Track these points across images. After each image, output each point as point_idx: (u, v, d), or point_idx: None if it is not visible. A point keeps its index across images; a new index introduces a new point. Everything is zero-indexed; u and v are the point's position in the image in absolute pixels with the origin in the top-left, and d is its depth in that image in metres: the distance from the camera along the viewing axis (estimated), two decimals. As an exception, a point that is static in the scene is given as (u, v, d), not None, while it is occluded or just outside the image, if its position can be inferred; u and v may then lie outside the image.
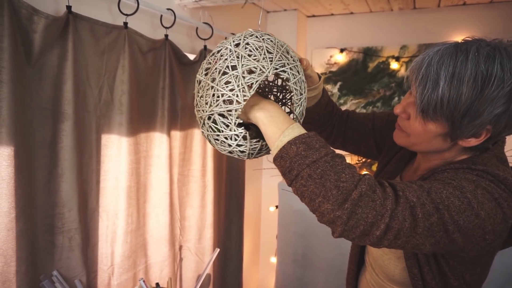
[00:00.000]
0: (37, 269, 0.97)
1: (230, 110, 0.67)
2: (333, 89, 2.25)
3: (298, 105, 0.75)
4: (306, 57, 2.35)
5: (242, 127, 0.70)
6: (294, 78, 0.72)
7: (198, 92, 0.73)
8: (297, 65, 0.74)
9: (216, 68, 0.69)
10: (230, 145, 0.71)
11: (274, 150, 0.65)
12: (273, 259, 2.16)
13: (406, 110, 0.70)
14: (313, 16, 2.27)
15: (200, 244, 1.54)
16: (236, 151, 0.72)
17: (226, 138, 0.71)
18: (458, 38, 1.95)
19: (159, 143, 1.30)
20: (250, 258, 2.27)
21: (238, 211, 1.81)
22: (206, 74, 0.72)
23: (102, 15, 1.10)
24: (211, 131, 0.72)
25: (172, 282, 1.23)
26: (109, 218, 1.15)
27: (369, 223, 0.58)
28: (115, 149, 1.13)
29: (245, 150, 0.72)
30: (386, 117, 0.92)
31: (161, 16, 1.28)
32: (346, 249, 1.83)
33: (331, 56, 2.23)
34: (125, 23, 1.10)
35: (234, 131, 0.69)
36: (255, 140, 0.71)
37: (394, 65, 2.07)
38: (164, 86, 1.28)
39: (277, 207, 2.04)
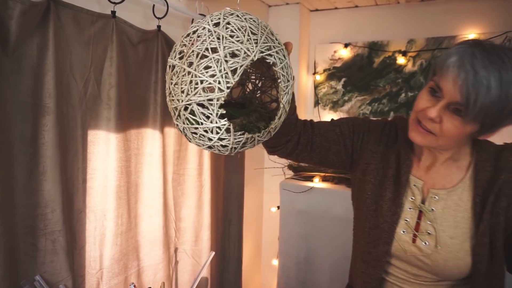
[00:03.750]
0: (18, 274, 0.91)
1: (211, 99, 0.58)
2: (337, 86, 2.17)
3: (286, 93, 0.66)
4: (309, 53, 2.28)
5: (225, 118, 0.60)
6: (281, 63, 0.64)
7: (172, 79, 0.64)
8: (282, 49, 0.66)
9: (193, 51, 0.60)
10: (210, 139, 0.62)
11: None
12: (275, 262, 2.09)
13: (440, 114, 0.71)
14: (317, 10, 2.19)
15: (196, 246, 1.47)
16: (217, 145, 0.63)
17: (206, 131, 0.61)
18: (468, 31, 1.85)
19: (151, 140, 1.23)
20: (251, 260, 2.20)
21: (238, 212, 1.74)
22: (180, 58, 0.63)
23: (90, 3, 1.04)
24: (187, 124, 0.62)
25: (166, 287, 1.16)
26: (97, 219, 1.09)
27: None
28: (103, 146, 1.07)
29: (227, 144, 0.63)
30: (351, 121, 0.92)
31: (154, 6, 1.21)
32: (350, 252, 1.75)
33: (335, 52, 2.15)
34: (113, 12, 1.04)
35: (216, 123, 0.60)
36: (239, 133, 0.63)
37: (401, 60, 1.98)
38: (156, 80, 1.22)
39: (278, 207, 1.96)
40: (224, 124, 0.60)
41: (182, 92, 0.60)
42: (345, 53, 2.12)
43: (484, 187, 0.77)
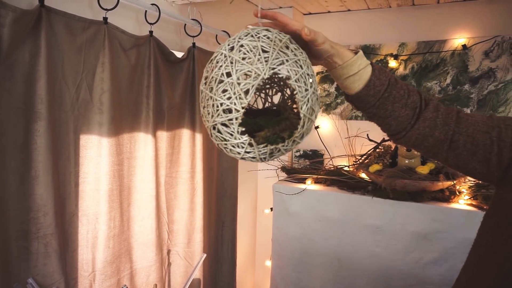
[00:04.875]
0: (10, 277, 0.93)
1: (231, 119, 0.65)
2: (330, 88, 2.19)
3: (304, 102, 0.69)
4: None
5: (246, 134, 0.66)
6: (296, 75, 0.67)
7: (202, 102, 0.71)
8: (299, 59, 0.68)
9: (212, 77, 0.66)
10: (239, 153, 0.69)
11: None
12: (268, 263, 2.11)
13: None
14: (310, 13, 2.22)
15: (189, 248, 1.49)
16: (246, 157, 0.70)
17: (233, 146, 0.68)
18: (458, 35, 1.88)
19: (143, 144, 1.25)
20: (245, 261, 2.22)
21: (231, 214, 1.76)
22: (205, 84, 0.69)
23: (82, 10, 1.05)
24: (219, 141, 0.69)
25: (157, 279, 1.18)
26: (89, 222, 1.10)
27: None
28: (95, 150, 1.08)
29: (255, 156, 0.69)
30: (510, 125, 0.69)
31: (146, 12, 1.23)
32: (343, 254, 1.78)
33: (328, 55, 2.17)
34: (105, 18, 1.06)
35: (239, 139, 0.66)
36: (262, 146, 0.68)
37: (392, 63, 2.01)
38: (148, 85, 1.23)
39: (272, 209, 1.98)
40: (246, 140, 0.66)
41: (209, 114, 0.67)
42: (338, 56, 2.14)
43: None
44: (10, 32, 0.82)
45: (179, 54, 1.38)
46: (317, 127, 2.20)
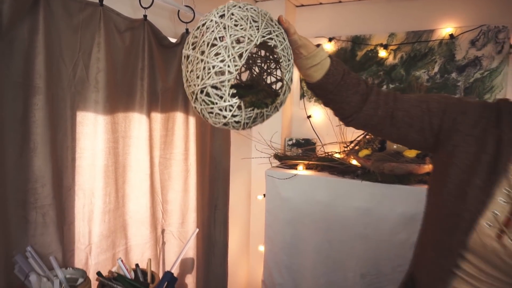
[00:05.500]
0: (10, 245, 0.97)
1: (223, 81, 0.68)
2: (322, 78, 2.24)
3: (287, 71, 0.76)
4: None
5: (236, 97, 0.70)
6: (281, 45, 0.73)
7: (187, 68, 0.74)
8: (282, 32, 0.75)
9: (203, 41, 0.70)
10: (225, 117, 0.72)
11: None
12: (262, 248, 2.16)
13: None
14: (302, 5, 2.27)
15: (183, 228, 1.54)
16: (231, 122, 0.73)
17: (220, 109, 0.71)
18: (445, 25, 1.94)
19: (138, 124, 1.30)
20: (240, 247, 2.27)
21: (224, 198, 1.81)
22: (193, 49, 0.72)
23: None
24: (204, 105, 0.72)
25: (151, 263, 1.23)
26: (85, 196, 1.15)
27: None
28: (91, 127, 1.13)
29: (240, 120, 0.73)
30: (443, 99, 0.84)
31: (140, -4, 1.28)
32: (333, 236, 1.83)
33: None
34: (101, 0, 1.10)
35: (229, 101, 0.70)
36: (249, 109, 0.72)
37: (382, 53, 2.06)
38: (143, 67, 1.28)
39: (265, 195, 2.03)
40: (236, 102, 0.70)
41: (198, 77, 0.70)
42: (330, 47, 2.20)
43: None
44: (10, 8, 0.87)
45: (172, 40, 1.43)
46: (309, 116, 2.25)
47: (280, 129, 2.20)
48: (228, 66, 0.67)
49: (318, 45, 0.83)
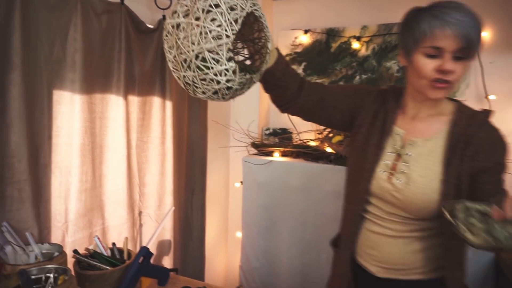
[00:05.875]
0: (-15, 219, 0.99)
1: (220, 45, 0.71)
2: (298, 69, 2.31)
3: (269, 41, 0.82)
4: (272, 39, 2.40)
5: (232, 60, 0.73)
6: (263, 16, 0.80)
7: (178, 35, 0.75)
8: (260, 7, 0.81)
9: (197, 8, 0.73)
10: (218, 82, 0.75)
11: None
12: (239, 234, 2.21)
13: (453, 65, 0.85)
14: (279, -2, 2.33)
15: (160, 210, 1.57)
16: (222, 88, 0.76)
17: (215, 74, 0.74)
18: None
19: (115, 106, 1.32)
20: (218, 234, 2.31)
21: (201, 183, 1.85)
22: (184, 16, 0.75)
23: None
24: (198, 71, 0.74)
25: (128, 244, 1.25)
26: (62, 174, 1.17)
27: None
28: (68, 106, 1.15)
29: (232, 86, 0.76)
30: (353, 86, 1.12)
31: (117, -19, 1.30)
32: (307, 219, 1.89)
33: (296, 38, 2.29)
34: (77, -18, 1.13)
35: (225, 65, 0.73)
36: (242, 73, 0.76)
37: (355, 44, 2.14)
38: (120, 50, 1.31)
39: (242, 183, 2.08)
40: (232, 66, 0.73)
41: (193, 43, 0.72)
42: (305, 39, 2.27)
43: (457, 139, 0.91)
44: (-14, -16, 0.89)
45: (149, 26, 1.46)
46: (286, 106, 2.31)
47: (257, 118, 2.25)
48: (226, 30, 0.71)
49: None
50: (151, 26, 1.48)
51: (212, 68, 0.73)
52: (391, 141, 0.98)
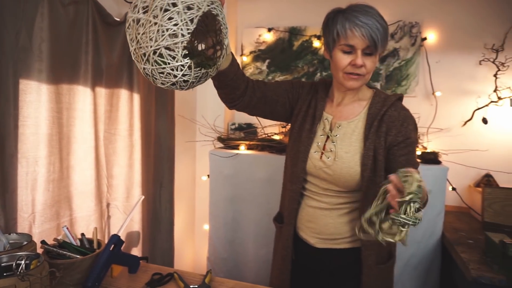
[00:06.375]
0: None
1: (176, 43, 0.76)
2: (262, 66, 2.39)
3: (226, 37, 0.87)
4: (236, 36, 2.48)
5: (187, 58, 0.78)
6: (221, 14, 0.85)
7: (138, 30, 0.79)
8: (219, 5, 0.86)
9: (156, 6, 0.77)
10: (175, 76, 0.79)
11: None
12: (206, 226, 2.25)
13: (363, 60, 1.02)
14: (243, -3, 2.40)
15: (128, 202, 1.58)
16: (180, 81, 0.81)
17: (172, 69, 0.78)
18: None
19: (83, 97, 1.33)
20: (185, 227, 2.34)
21: (169, 176, 1.87)
22: (144, 13, 0.79)
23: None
24: (156, 65, 0.79)
25: (98, 232, 1.26)
26: (29, 164, 1.16)
27: None
28: (34, 95, 1.15)
29: (188, 79, 0.81)
30: (290, 81, 1.23)
31: (84, -28, 1.31)
32: (272, 209, 1.97)
33: (259, 35, 2.37)
34: (44, -28, 1.13)
35: (181, 61, 0.78)
36: (198, 69, 0.81)
37: (316, 43, 2.26)
38: (87, 41, 1.31)
39: (209, 176, 2.13)
40: (187, 62, 0.78)
41: (151, 39, 0.77)
42: (269, 37, 2.35)
43: (373, 118, 1.08)
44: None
45: (116, 19, 1.47)
46: (251, 102, 2.38)
47: (223, 113, 2.30)
48: (181, 30, 0.76)
49: None
50: (118, 19, 1.49)
51: (168, 63, 0.78)
52: (321, 125, 1.14)
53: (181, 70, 0.79)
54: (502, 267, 1.34)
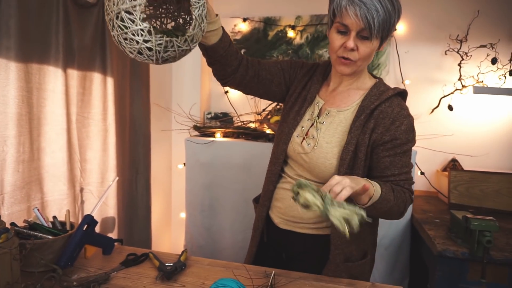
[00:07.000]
0: None
1: (134, 6, 0.77)
2: (238, 56, 2.40)
3: (196, 7, 0.86)
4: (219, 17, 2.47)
5: (146, 22, 0.78)
6: None
7: None
8: None
9: None
10: (137, 42, 0.79)
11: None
12: (183, 214, 2.25)
13: (355, 43, 0.93)
14: (218, -14, 2.40)
15: (102, 187, 1.56)
16: (143, 48, 0.80)
17: (133, 34, 0.78)
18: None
19: (53, 78, 1.30)
20: (162, 216, 2.32)
21: (145, 163, 1.86)
22: None
23: None
24: (119, 31, 0.79)
25: (71, 216, 1.25)
26: (-3, 144, 1.14)
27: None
28: (2, 73, 1.12)
29: (152, 47, 0.80)
30: (289, 61, 1.18)
31: (54, -49, 1.29)
32: (249, 195, 1.99)
33: (235, 25, 2.39)
34: None
35: (139, 25, 0.78)
36: (159, 35, 0.80)
37: (290, 33, 2.30)
38: (58, 21, 1.29)
39: (185, 164, 2.12)
40: (146, 26, 0.78)
41: (114, 4, 0.78)
42: (244, 27, 2.37)
43: (362, 111, 1.00)
44: None
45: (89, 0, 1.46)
46: (226, 92, 2.40)
47: (199, 101, 2.31)
48: None
49: (216, 15, 0.97)
50: (90, 1, 1.47)
51: (129, 27, 0.79)
52: (310, 109, 1.09)
53: (141, 35, 0.79)
54: (465, 241, 1.42)
